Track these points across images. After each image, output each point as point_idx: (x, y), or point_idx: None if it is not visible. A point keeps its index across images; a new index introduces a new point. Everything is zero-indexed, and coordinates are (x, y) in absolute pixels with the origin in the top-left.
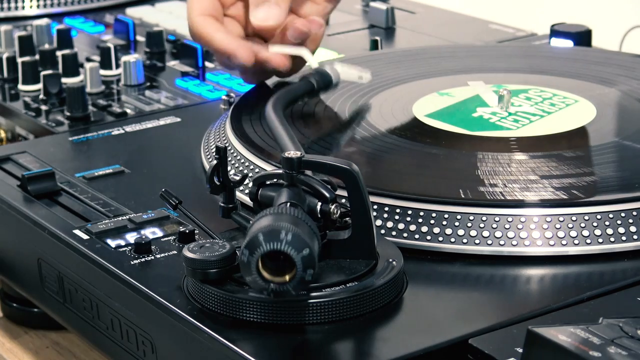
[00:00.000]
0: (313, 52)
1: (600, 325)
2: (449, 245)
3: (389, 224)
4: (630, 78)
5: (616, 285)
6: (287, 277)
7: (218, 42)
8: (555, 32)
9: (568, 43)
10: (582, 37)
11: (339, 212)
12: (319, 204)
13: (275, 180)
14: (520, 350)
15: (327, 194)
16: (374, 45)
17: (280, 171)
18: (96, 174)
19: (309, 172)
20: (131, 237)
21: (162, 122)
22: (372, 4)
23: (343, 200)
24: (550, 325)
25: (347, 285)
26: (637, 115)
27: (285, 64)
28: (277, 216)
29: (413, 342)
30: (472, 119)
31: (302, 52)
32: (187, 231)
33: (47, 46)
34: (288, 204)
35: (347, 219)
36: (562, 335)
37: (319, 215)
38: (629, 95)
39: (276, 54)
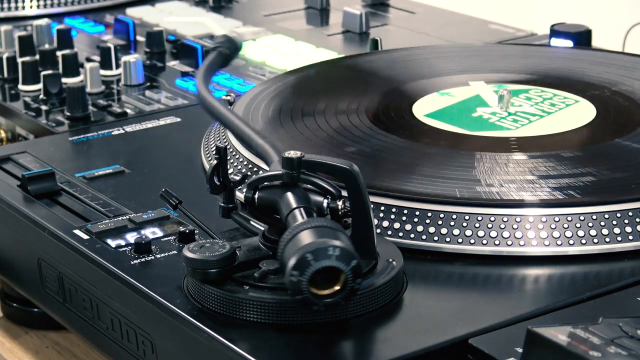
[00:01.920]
0: None
1: (600, 325)
2: (449, 245)
3: (389, 224)
4: (630, 78)
5: (616, 285)
6: (335, 289)
7: None
8: (555, 32)
9: (568, 43)
10: (582, 37)
11: (346, 207)
12: (325, 201)
13: (270, 182)
14: (520, 350)
15: (334, 191)
16: (374, 45)
17: (275, 173)
18: (96, 174)
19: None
20: (131, 237)
21: (162, 122)
22: (345, 8)
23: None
24: (550, 325)
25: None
26: (637, 115)
27: None
28: (317, 230)
29: (413, 342)
30: (472, 119)
31: (204, 20)
32: (187, 231)
33: (47, 46)
34: (301, 209)
35: (347, 219)
36: (562, 335)
37: (326, 213)
38: (629, 95)
39: None
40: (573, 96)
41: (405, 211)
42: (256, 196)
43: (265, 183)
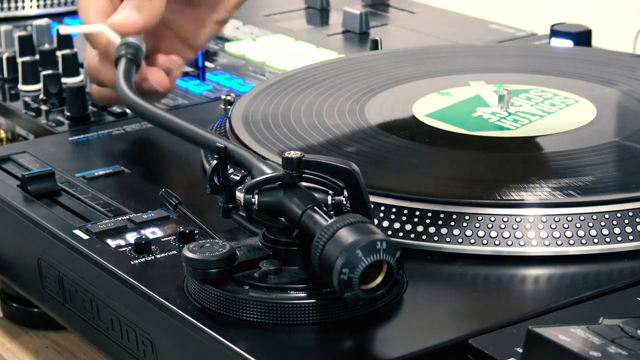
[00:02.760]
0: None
1: (600, 325)
2: (449, 245)
3: (389, 224)
4: (630, 78)
5: (616, 285)
6: (378, 281)
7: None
8: (555, 32)
9: (568, 43)
10: (582, 37)
11: (348, 202)
12: (329, 197)
13: (269, 184)
14: (520, 350)
15: (337, 186)
16: (374, 45)
17: (275, 174)
18: (96, 174)
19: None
20: (131, 237)
21: None
22: (345, 8)
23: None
24: (550, 325)
25: None
26: (637, 115)
27: (165, 84)
28: (356, 226)
29: (413, 342)
30: (472, 119)
31: (100, 28)
32: (187, 231)
33: (47, 46)
34: (315, 208)
35: None
36: (562, 335)
37: (331, 209)
38: (629, 95)
39: (154, 71)
40: (573, 96)
41: (405, 211)
42: (256, 199)
43: (265, 186)
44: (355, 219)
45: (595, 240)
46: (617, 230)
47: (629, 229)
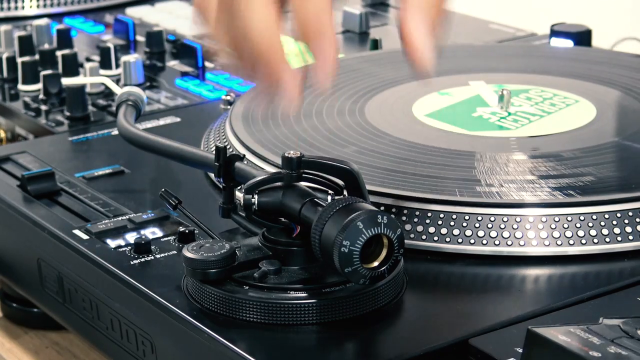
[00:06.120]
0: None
1: (600, 325)
2: (449, 245)
3: None
4: (630, 78)
5: (616, 285)
6: (380, 259)
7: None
8: (555, 32)
9: (568, 43)
10: (582, 37)
11: None
12: (329, 197)
13: (269, 185)
14: (520, 350)
15: (337, 186)
16: (374, 45)
17: (274, 174)
18: (96, 174)
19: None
20: (131, 237)
21: (162, 122)
22: (345, 8)
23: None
24: (550, 325)
25: (347, 285)
26: (637, 115)
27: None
28: (355, 205)
29: (413, 342)
30: (472, 119)
31: (102, 80)
32: (187, 231)
33: (47, 46)
34: (314, 199)
35: None
36: (562, 335)
37: None
38: (629, 95)
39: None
40: (573, 96)
41: (405, 211)
42: (256, 199)
43: (265, 186)
44: (353, 199)
45: (595, 240)
46: (617, 230)
47: (629, 229)
